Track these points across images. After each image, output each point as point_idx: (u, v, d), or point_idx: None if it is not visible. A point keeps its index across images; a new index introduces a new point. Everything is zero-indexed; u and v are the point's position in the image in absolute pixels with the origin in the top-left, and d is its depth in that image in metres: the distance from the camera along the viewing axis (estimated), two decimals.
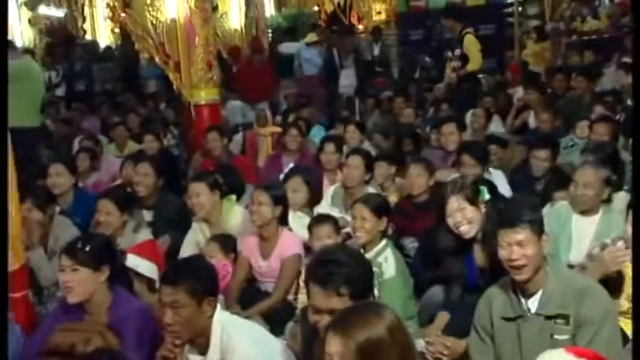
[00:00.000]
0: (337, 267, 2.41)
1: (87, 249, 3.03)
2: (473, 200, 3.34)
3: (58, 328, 2.91)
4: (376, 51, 10.42)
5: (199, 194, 4.19)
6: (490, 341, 2.75)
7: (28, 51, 10.58)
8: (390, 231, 3.89)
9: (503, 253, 2.64)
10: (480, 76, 10.02)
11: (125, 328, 2.90)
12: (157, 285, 3.41)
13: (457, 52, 8.31)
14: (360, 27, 13.10)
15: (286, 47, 11.18)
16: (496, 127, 7.04)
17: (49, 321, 3.16)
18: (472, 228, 3.31)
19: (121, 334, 2.88)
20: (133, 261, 3.46)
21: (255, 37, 10.66)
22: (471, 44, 8.32)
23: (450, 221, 3.35)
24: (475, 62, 8.31)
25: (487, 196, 3.37)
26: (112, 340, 2.83)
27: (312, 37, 10.84)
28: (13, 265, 3.41)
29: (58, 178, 4.96)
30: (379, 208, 3.73)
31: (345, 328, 1.86)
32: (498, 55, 11.34)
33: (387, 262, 3.61)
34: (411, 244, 4.22)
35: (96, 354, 2.56)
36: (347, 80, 9.96)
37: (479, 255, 3.34)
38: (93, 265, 3.01)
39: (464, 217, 3.32)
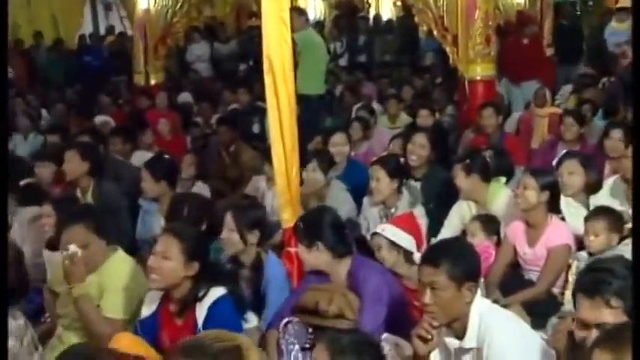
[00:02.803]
0: (609, 275, 2.12)
1: (300, 226, 3.33)
2: None
3: (307, 288, 3.22)
4: None
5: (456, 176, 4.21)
6: None
7: (318, 23, 11.29)
8: None
9: None
10: None
11: (362, 290, 3.14)
12: (414, 257, 3.48)
13: None
14: None
15: None
16: None
17: (303, 281, 3.45)
18: None
19: (359, 295, 3.12)
20: (392, 232, 3.54)
21: (521, 11, 10.06)
22: None
23: None
24: None
25: None
26: (354, 301, 3.09)
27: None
28: (291, 222, 3.69)
29: (337, 147, 5.20)
30: None
31: (618, 347, 1.64)
32: None
33: None
34: None
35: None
36: None
37: None
38: (305, 242, 3.28)
39: None
